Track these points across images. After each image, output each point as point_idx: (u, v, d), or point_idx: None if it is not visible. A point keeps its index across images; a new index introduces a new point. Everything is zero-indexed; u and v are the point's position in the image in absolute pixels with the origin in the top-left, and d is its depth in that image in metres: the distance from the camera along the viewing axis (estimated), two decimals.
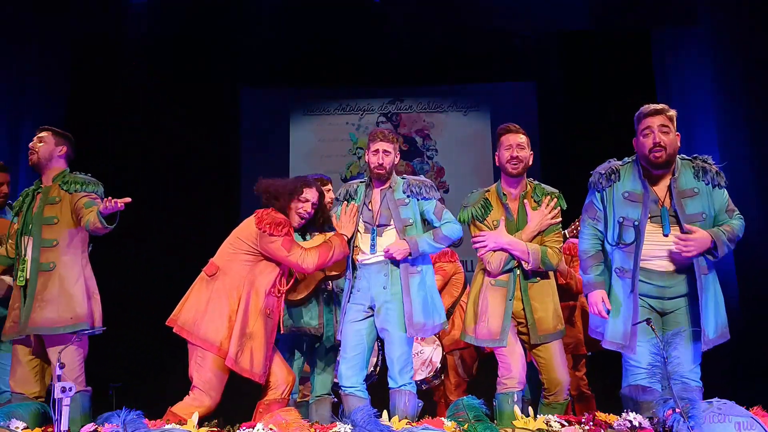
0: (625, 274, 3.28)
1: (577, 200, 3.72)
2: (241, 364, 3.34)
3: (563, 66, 7.27)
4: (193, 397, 3.36)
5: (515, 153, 3.62)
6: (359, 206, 3.69)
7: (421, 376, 4.66)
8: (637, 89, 6.86)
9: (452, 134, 7.73)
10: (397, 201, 3.62)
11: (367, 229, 3.65)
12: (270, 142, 7.57)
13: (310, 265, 3.49)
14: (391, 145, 3.67)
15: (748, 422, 2.83)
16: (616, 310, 3.28)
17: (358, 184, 3.81)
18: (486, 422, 3.09)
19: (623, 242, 3.27)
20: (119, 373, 4.72)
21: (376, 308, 3.58)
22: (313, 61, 7.36)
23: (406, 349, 3.54)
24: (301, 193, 3.55)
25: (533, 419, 3.20)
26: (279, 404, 3.48)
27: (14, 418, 3.31)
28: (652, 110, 3.26)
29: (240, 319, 3.36)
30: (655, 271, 3.24)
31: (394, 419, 3.17)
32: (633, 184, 3.31)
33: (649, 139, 3.22)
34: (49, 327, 3.53)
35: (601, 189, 3.36)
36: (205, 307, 3.39)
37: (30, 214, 3.70)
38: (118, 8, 6.43)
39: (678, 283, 3.25)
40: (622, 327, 3.25)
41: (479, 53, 7.28)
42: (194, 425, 3.13)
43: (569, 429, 3.10)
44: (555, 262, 3.56)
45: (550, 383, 3.58)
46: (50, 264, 3.59)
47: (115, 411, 3.02)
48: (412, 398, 3.51)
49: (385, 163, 3.64)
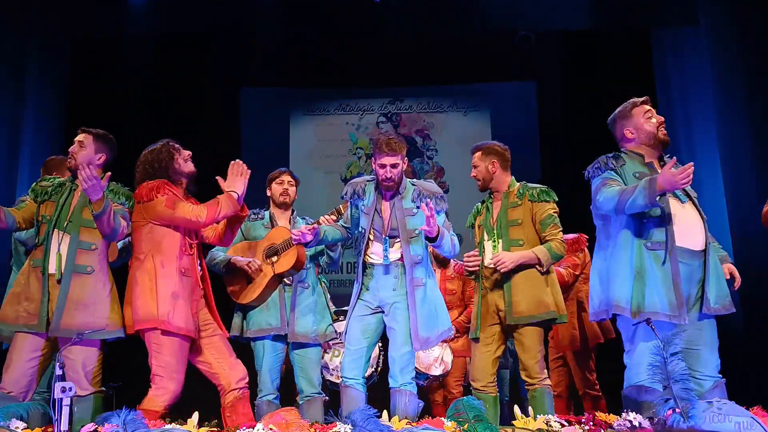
0: (660, 246, 3.24)
1: (577, 200, 3.74)
2: (176, 323, 3.38)
3: (563, 66, 7.27)
4: (156, 387, 3.38)
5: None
6: (371, 211, 3.62)
7: (436, 372, 4.75)
8: (637, 89, 6.84)
9: (452, 134, 7.73)
10: (405, 210, 3.58)
11: (378, 238, 3.61)
12: (270, 142, 7.58)
13: (202, 218, 3.48)
14: (398, 155, 3.54)
15: (748, 422, 2.83)
16: (654, 281, 3.21)
17: (366, 184, 3.70)
18: (486, 422, 3.09)
19: (651, 212, 3.26)
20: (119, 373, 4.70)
21: (385, 308, 3.59)
22: (313, 61, 7.36)
23: (409, 349, 3.54)
24: (174, 147, 3.64)
25: (533, 419, 3.20)
26: (242, 401, 3.51)
27: (14, 418, 3.28)
28: (646, 99, 3.53)
29: (160, 285, 3.40)
30: (686, 249, 3.25)
31: (394, 419, 3.17)
32: (638, 167, 3.38)
33: (655, 121, 3.41)
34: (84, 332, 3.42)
35: (613, 167, 3.39)
36: (132, 295, 3.46)
37: (67, 209, 3.58)
38: (118, 8, 6.42)
39: (700, 266, 3.27)
40: (667, 298, 3.18)
41: (479, 53, 7.28)
42: (194, 425, 3.14)
43: (569, 429, 3.11)
44: (563, 251, 3.77)
45: (527, 370, 3.69)
46: (88, 267, 3.51)
47: (115, 411, 3.02)
48: (413, 398, 3.51)
49: (393, 176, 3.56)
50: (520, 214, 3.80)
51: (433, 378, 4.77)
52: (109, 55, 6.79)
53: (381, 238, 3.58)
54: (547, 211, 3.77)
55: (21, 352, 3.46)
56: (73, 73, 6.74)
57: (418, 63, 7.25)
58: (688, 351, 3.23)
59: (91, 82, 6.78)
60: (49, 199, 3.62)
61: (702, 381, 3.24)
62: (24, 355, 3.46)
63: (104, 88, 6.74)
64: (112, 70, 6.78)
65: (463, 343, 4.93)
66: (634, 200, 3.17)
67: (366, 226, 3.61)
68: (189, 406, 3.34)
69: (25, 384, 3.46)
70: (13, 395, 3.41)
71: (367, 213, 3.62)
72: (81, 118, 6.60)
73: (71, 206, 3.59)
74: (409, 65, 7.29)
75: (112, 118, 6.68)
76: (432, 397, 5.08)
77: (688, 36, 6.56)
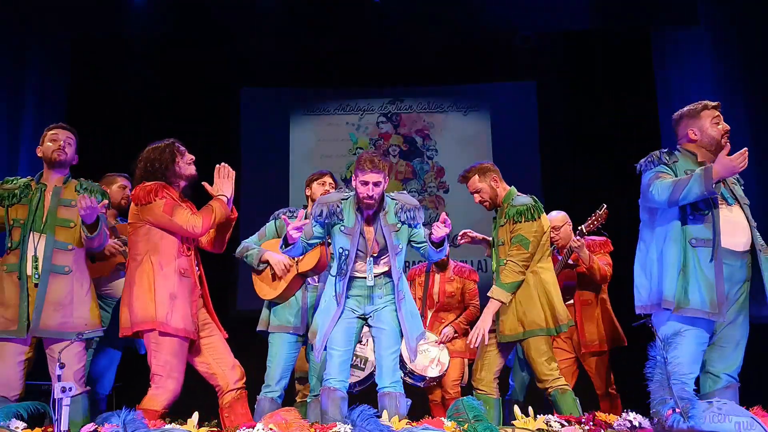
0: (705, 244, 3.24)
1: (577, 200, 3.73)
2: (174, 324, 3.38)
3: (563, 66, 7.27)
4: (156, 386, 3.37)
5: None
6: (356, 232, 3.47)
7: (433, 373, 4.73)
8: (637, 89, 6.87)
9: (452, 134, 7.73)
10: (391, 227, 3.52)
11: (361, 257, 3.52)
12: (270, 141, 7.57)
13: (198, 227, 3.47)
14: (381, 174, 3.43)
15: (748, 422, 2.83)
16: (696, 278, 3.21)
17: (341, 203, 3.54)
18: (486, 422, 3.09)
19: (697, 210, 3.26)
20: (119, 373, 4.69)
21: (369, 314, 3.56)
22: (313, 61, 7.36)
23: (398, 348, 3.54)
24: (178, 149, 3.61)
25: (533, 419, 3.20)
26: (240, 401, 3.52)
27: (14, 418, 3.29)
28: (717, 104, 3.48)
29: (158, 286, 3.40)
30: (728, 249, 3.24)
31: (394, 419, 3.17)
32: (690, 166, 3.36)
33: (722, 127, 3.40)
34: (64, 332, 3.44)
35: (666, 162, 3.38)
36: (130, 296, 3.44)
37: (41, 210, 3.57)
38: (118, 7, 6.43)
39: (743, 266, 3.27)
40: (707, 295, 3.18)
41: (479, 53, 7.28)
42: (194, 425, 3.13)
43: (569, 429, 3.11)
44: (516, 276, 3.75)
45: (536, 374, 3.76)
46: (65, 267, 3.51)
47: (115, 411, 3.01)
48: (402, 398, 3.49)
49: (375, 195, 3.43)
50: (503, 235, 3.83)
51: (430, 379, 4.77)
52: (110, 54, 6.79)
53: (365, 258, 3.50)
54: (518, 230, 3.76)
55: (5, 358, 3.46)
56: (73, 73, 6.74)
57: (418, 63, 7.25)
58: (714, 346, 3.28)
59: (91, 82, 6.78)
60: (18, 203, 3.59)
61: (717, 378, 3.27)
62: (9, 361, 3.46)
63: (104, 88, 6.74)
64: (112, 70, 6.79)
65: (461, 344, 4.93)
66: (690, 189, 3.18)
67: (349, 248, 3.48)
68: (189, 406, 3.33)
69: (17, 387, 3.48)
70: (4, 397, 3.43)
71: (349, 234, 3.49)
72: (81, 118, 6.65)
73: (45, 207, 3.59)
74: (409, 65, 7.29)
75: (112, 118, 6.72)
76: (430, 397, 5.07)
77: (688, 36, 6.56)
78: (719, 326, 3.26)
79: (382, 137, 7.79)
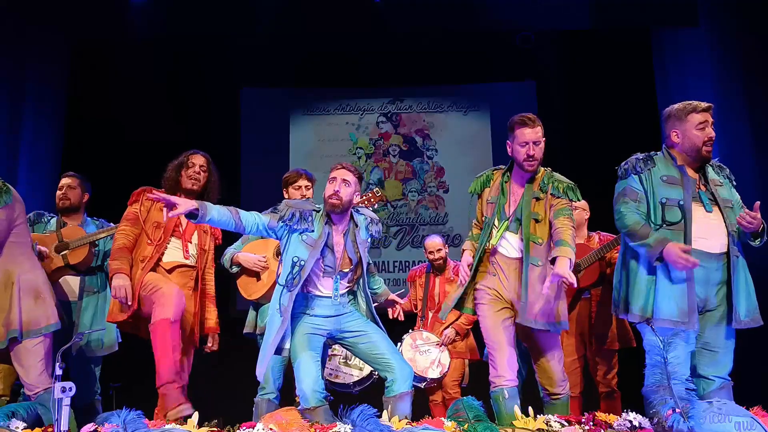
0: None
1: None
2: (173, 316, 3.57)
3: (563, 66, 7.28)
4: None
5: (531, 152, 3.41)
6: (320, 245, 3.28)
7: (434, 375, 4.75)
8: (637, 89, 6.87)
9: (452, 134, 7.74)
10: (365, 242, 3.44)
11: (328, 273, 3.36)
12: (270, 142, 7.58)
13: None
14: (352, 175, 3.33)
15: (748, 422, 2.83)
16: (665, 288, 3.21)
17: (313, 213, 3.36)
18: (486, 422, 3.09)
19: (668, 222, 3.24)
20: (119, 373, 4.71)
21: (336, 336, 3.44)
22: (313, 61, 7.36)
23: (392, 344, 3.50)
24: (189, 161, 3.91)
25: (533, 419, 3.20)
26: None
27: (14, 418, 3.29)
28: (708, 106, 3.33)
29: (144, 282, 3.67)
30: (703, 251, 3.22)
31: (394, 419, 3.16)
32: (669, 170, 3.33)
33: (705, 133, 3.29)
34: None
35: (640, 171, 3.34)
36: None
37: None
38: (118, 8, 6.43)
39: (719, 268, 3.25)
40: (676, 305, 3.17)
41: (479, 53, 7.28)
42: (194, 425, 3.13)
43: (569, 429, 3.10)
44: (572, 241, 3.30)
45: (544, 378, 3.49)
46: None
47: (115, 411, 3.02)
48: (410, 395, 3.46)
49: (341, 193, 3.29)
50: (541, 210, 3.43)
51: (431, 381, 4.77)
52: (109, 56, 6.79)
53: (332, 274, 3.36)
54: (564, 205, 3.42)
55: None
56: (73, 74, 6.74)
57: (418, 63, 7.26)
58: (702, 351, 3.26)
59: (91, 83, 6.78)
60: None
61: (710, 381, 3.25)
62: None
63: (104, 89, 6.74)
64: (112, 71, 6.78)
65: (462, 345, 4.93)
66: (640, 246, 3.25)
67: (306, 259, 3.28)
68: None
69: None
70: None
71: (311, 246, 3.29)
72: (81, 117, 6.65)
73: None
74: (409, 65, 7.30)
75: (111, 119, 6.71)
76: (430, 397, 5.08)
77: (688, 36, 6.56)
78: (704, 327, 3.24)
79: (382, 137, 7.80)
